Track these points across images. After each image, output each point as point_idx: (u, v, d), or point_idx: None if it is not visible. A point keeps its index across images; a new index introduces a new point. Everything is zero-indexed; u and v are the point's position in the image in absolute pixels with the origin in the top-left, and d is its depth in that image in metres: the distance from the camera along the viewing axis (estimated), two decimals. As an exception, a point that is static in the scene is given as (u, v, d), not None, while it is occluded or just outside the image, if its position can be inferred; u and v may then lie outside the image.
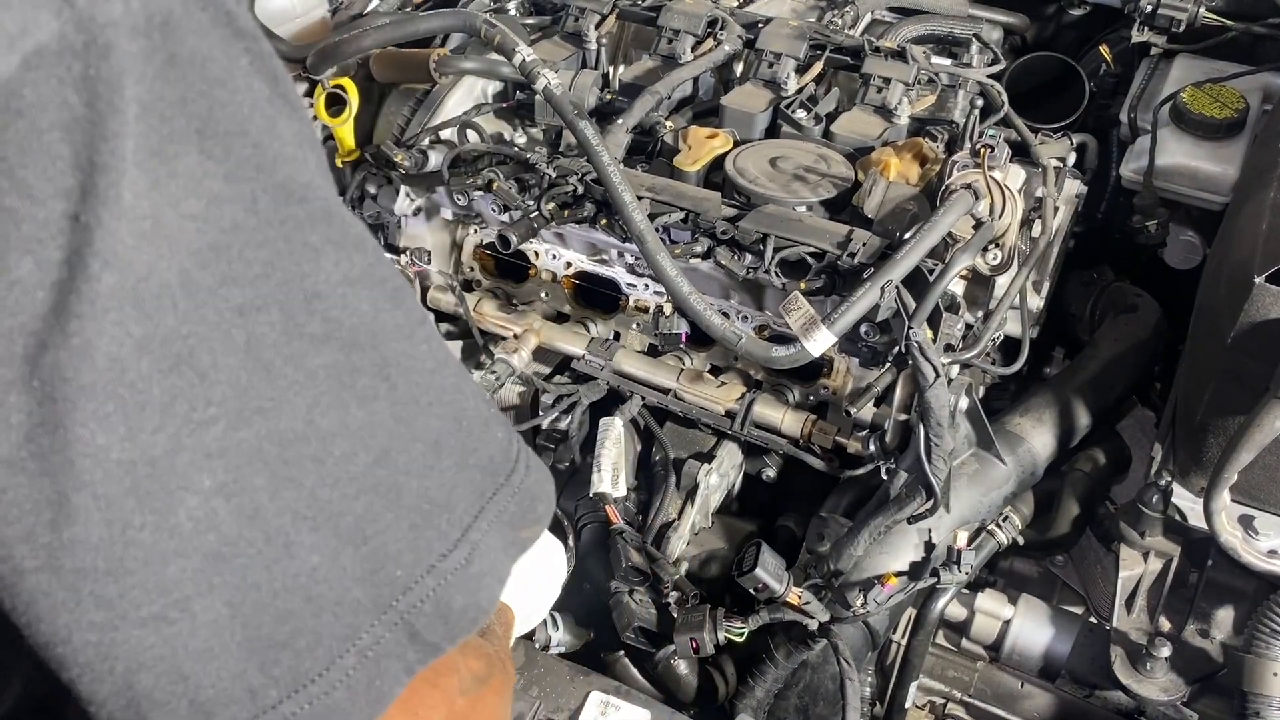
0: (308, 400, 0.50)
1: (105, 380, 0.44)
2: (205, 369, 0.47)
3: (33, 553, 0.45)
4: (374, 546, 0.52)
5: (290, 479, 0.49)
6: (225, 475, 0.47)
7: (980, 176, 1.39)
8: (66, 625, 0.46)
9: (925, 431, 1.32)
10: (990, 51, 1.79)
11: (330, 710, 0.51)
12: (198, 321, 0.46)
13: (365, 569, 0.52)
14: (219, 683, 0.49)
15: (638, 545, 1.46)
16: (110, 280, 0.44)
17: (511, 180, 1.53)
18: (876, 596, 1.36)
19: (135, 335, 0.45)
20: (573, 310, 1.70)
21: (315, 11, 1.86)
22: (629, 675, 1.48)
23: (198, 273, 0.46)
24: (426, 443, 0.55)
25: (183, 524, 0.47)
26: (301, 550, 0.50)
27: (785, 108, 1.62)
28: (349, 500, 0.51)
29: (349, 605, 0.51)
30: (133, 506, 0.46)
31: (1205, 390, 1.37)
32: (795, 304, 1.33)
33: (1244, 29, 1.84)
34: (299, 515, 0.50)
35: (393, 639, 0.53)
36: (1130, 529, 1.50)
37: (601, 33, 1.76)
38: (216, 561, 0.48)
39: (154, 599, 0.47)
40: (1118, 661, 1.50)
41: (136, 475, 0.46)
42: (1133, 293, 1.78)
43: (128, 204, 0.44)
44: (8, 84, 0.41)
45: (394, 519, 0.53)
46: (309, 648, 0.51)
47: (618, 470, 1.49)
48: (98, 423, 0.44)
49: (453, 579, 0.54)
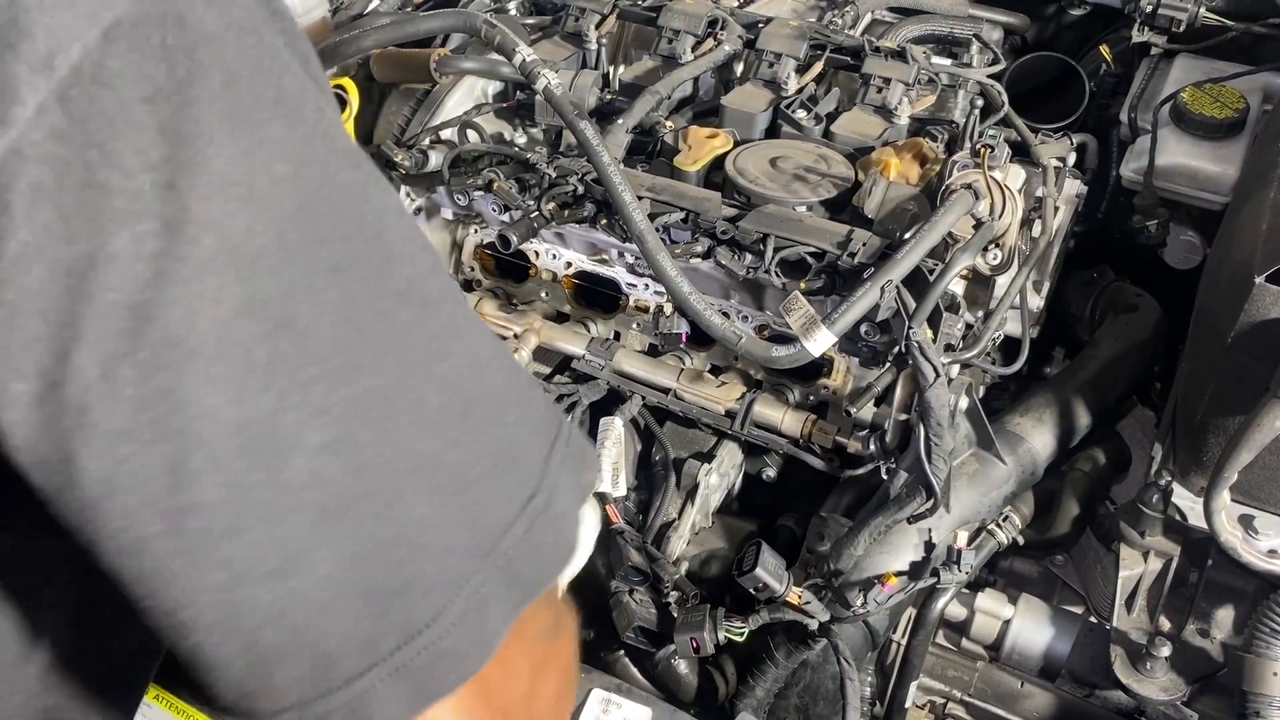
0: (399, 356, 0.51)
1: (212, 344, 0.45)
2: (305, 328, 0.48)
3: (154, 518, 0.46)
4: (472, 494, 0.54)
5: (392, 433, 0.50)
6: (331, 432, 0.49)
7: (980, 176, 1.39)
8: (190, 588, 0.48)
9: (925, 431, 1.32)
10: (990, 51, 1.79)
11: (444, 655, 0.53)
12: (295, 282, 0.47)
13: (466, 517, 0.54)
14: (338, 633, 0.51)
15: (638, 545, 1.46)
16: (209, 245, 0.45)
17: (512, 180, 1.53)
18: (876, 596, 1.36)
19: (238, 298, 0.46)
20: (573, 310, 1.70)
21: (315, 11, 1.86)
22: (630, 674, 1.48)
23: (292, 234, 0.47)
24: (498, 393, 0.56)
25: (294, 481, 0.48)
26: (408, 501, 0.51)
27: (785, 108, 1.62)
28: (446, 451, 0.53)
29: (455, 552, 0.53)
30: (246, 466, 0.47)
31: (1205, 390, 1.37)
32: (795, 304, 1.33)
33: (1244, 29, 1.84)
34: (403, 467, 0.51)
35: (495, 583, 0.54)
36: (1130, 529, 1.50)
37: (602, 33, 1.76)
38: (328, 516, 0.49)
39: (272, 555, 0.48)
40: (1118, 661, 1.50)
41: (248, 435, 0.47)
42: (1133, 293, 1.78)
43: (219, 170, 0.45)
44: (92, 57, 0.42)
45: (485, 467, 0.54)
46: (421, 595, 0.52)
47: (618, 470, 1.49)
48: (209, 385, 0.45)
49: (541, 520, 0.56)
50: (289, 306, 0.47)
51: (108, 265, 0.43)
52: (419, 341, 0.52)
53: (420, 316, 0.52)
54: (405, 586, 0.52)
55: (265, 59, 0.47)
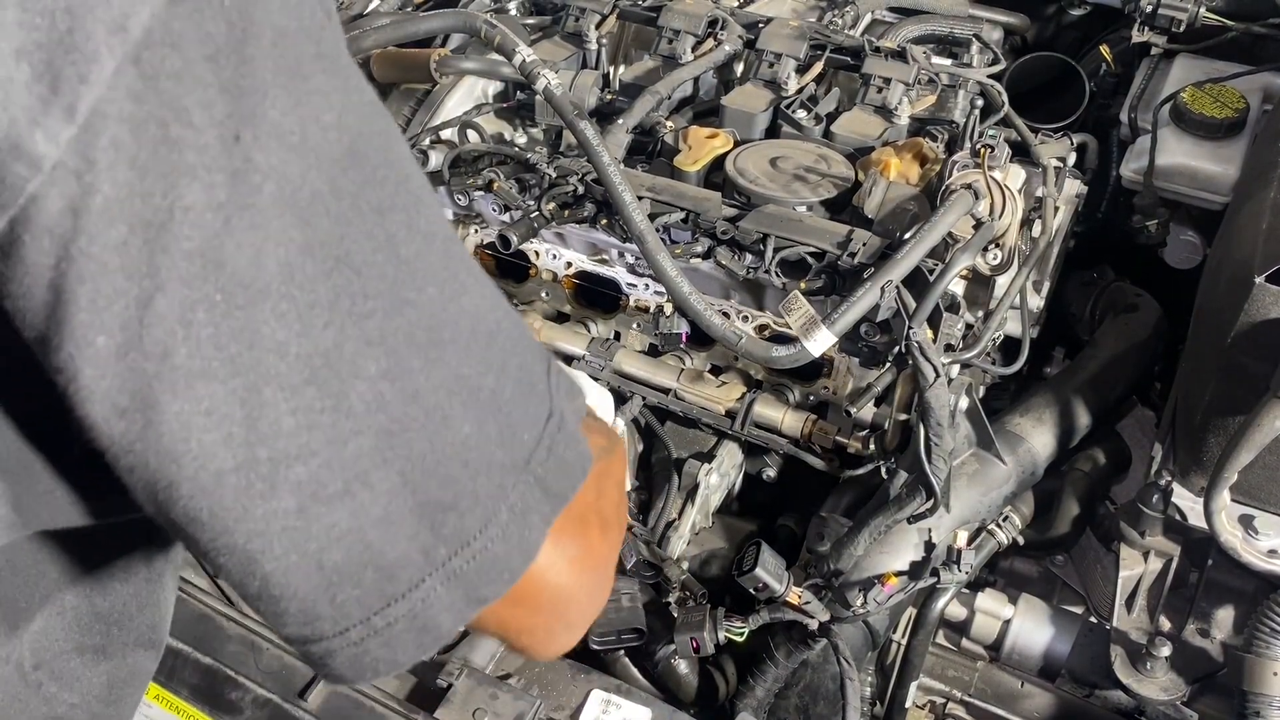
0: (438, 289, 0.55)
1: (279, 283, 0.48)
2: (360, 266, 0.51)
3: (231, 451, 0.49)
4: (507, 414, 0.58)
5: (439, 360, 0.55)
6: (387, 361, 0.52)
7: (980, 176, 1.39)
8: (265, 515, 0.51)
9: (925, 431, 1.32)
10: (990, 51, 1.79)
11: (493, 561, 0.57)
12: (349, 223, 0.51)
13: (504, 435, 0.58)
14: (397, 545, 0.54)
15: (646, 540, 1.46)
16: (271, 191, 0.48)
17: (512, 180, 1.53)
18: (876, 596, 1.36)
19: (299, 240, 0.49)
20: (573, 310, 1.70)
21: (316, 12, 1.86)
22: (629, 675, 1.48)
23: (342, 179, 0.51)
24: (510, 324, 0.60)
25: (356, 406, 0.52)
26: (455, 421, 0.55)
27: (785, 108, 1.62)
28: (483, 375, 0.57)
29: (497, 467, 0.57)
30: (314, 394, 0.50)
31: (1205, 390, 1.37)
32: (795, 304, 1.33)
33: (1244, 29, 1.84)
34: (451, 391, 0.55)
35: (533, 494, 0.59)
36: (1130, 528, 1.50)
37: (602, 33, 1.77)
38: (388, 437, 0.53)
39: (339, 476, 0.52)
40: (1118, 661, 1.50)
41: (314, 366, 0.50)
42: (1133, 292, 1.78)
43: (274, 121, 0.48)
44: (160, 18, 0.44)
45: (513, 390, 0.59)
46: (470, 508, 0.56)
47: (618, 470, 1.49)
48: (277, 322, 0.49)
49: (560, 437, 0.61)
50: (344, 245, 0.51)
51: (183, 216, 0.46)
52: (449, 277, 0.56)
53: (446, 253, 0.56)
54: (456, 499, 0.56)
55: (307, 15, 0.50)
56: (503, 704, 1.21)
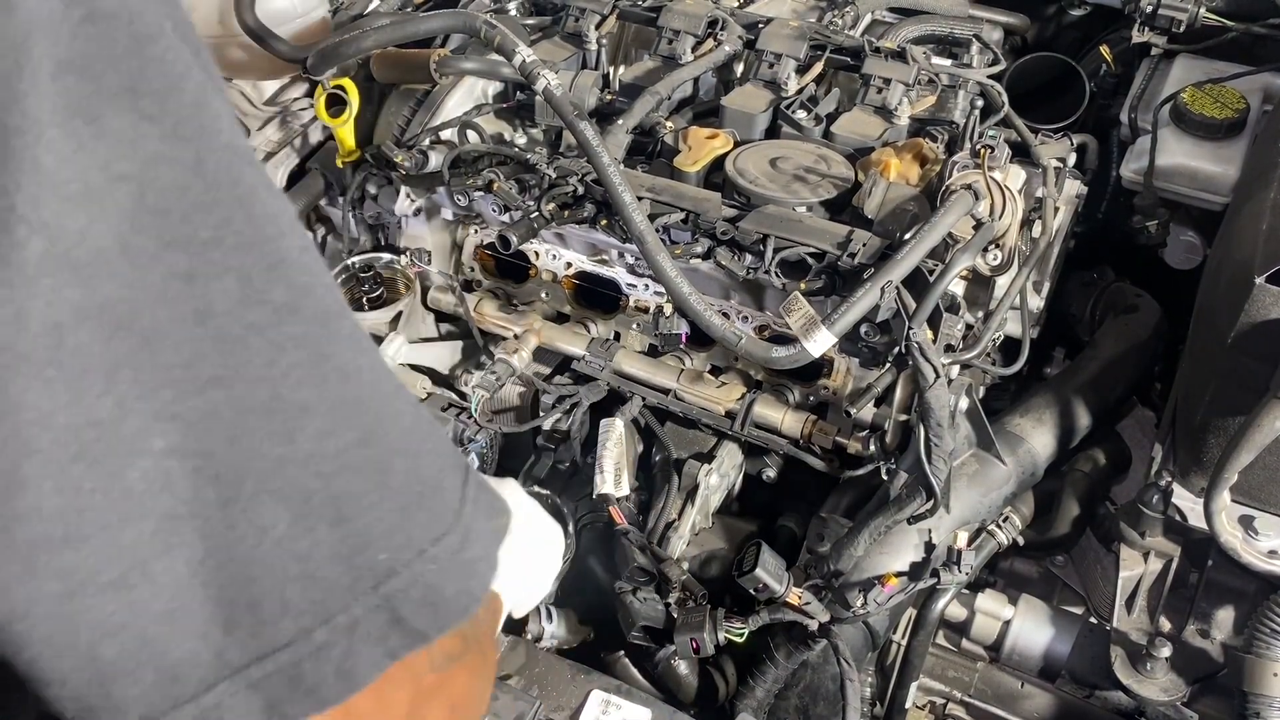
0: (276, 371, 0.48)
1: (44, 347, 0.43)
2: (150, 334, 0.45)
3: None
4: (356, 526, 0.51)
5: (253, 448, 0.48)
6: (179, 438, 0.46)
7: (980, 177, 1.39)
8: (25, 599, 0.45)
9: (925, 432, 1.32)
10: (990, 52, 1.79)
11: (297, 680, 0.50)
12: (140, 287, 0.45)
13: (344, 548, 0.51)
14: (183, 644, 0.48)
15: (642, 545, 1.46)
16: (39, 246, 0.42)
17: (512, 181, 1.53)
18: (877, 597, 1.36)
19: (73, 301, 0.43)
20: (573, 310, 1.70)
21: (316, 12, 1.87)
22: (630, 675, 1.48)
23: (136, 237, 0.45)
24: (414, 421, 0.54)
25: (136, 486, 0.46)
26: (264, 518, 0.49)
27: (785, 108, 1.62)
28: (325, 477, 0.50)
29: (322, 581, 0.50)
30: (83, 471, 0.45)
31: (1205, 390, 1.37)
32: (795, 304, 1.33)
33: (1244, 29, 1.84)
34: (263, 484, 0.49)
35: (373, 621, 0.52)
36: (1130, 529, 1.50)
37: (602, 33, 1.76)
38: (174, 522, 0.47)
39: (113, 564, 0.46)
40: (1118, 662, 1.50)
41: (84, 440, 0.45)
42: (1133, 293, 1.78)
43: (49, 167, 0.42)
44: None
45: (380, 499, 0.52)
46: (275, 616, 0.50)
47: (620, 471, 1.49)
48: (42, 389, 0.43)
49: (446, 564, 0.53)
50: (132, 310, 0.45)
51: None
52: (302, 360, 0.49)
53: (315, 332, 0.50)
54: (257, 601, 0.49)
55: (125, 43, 0.44)
56: (503, 704, 1.21)
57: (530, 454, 1.65)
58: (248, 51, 1.81)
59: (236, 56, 1.86)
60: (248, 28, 1.73)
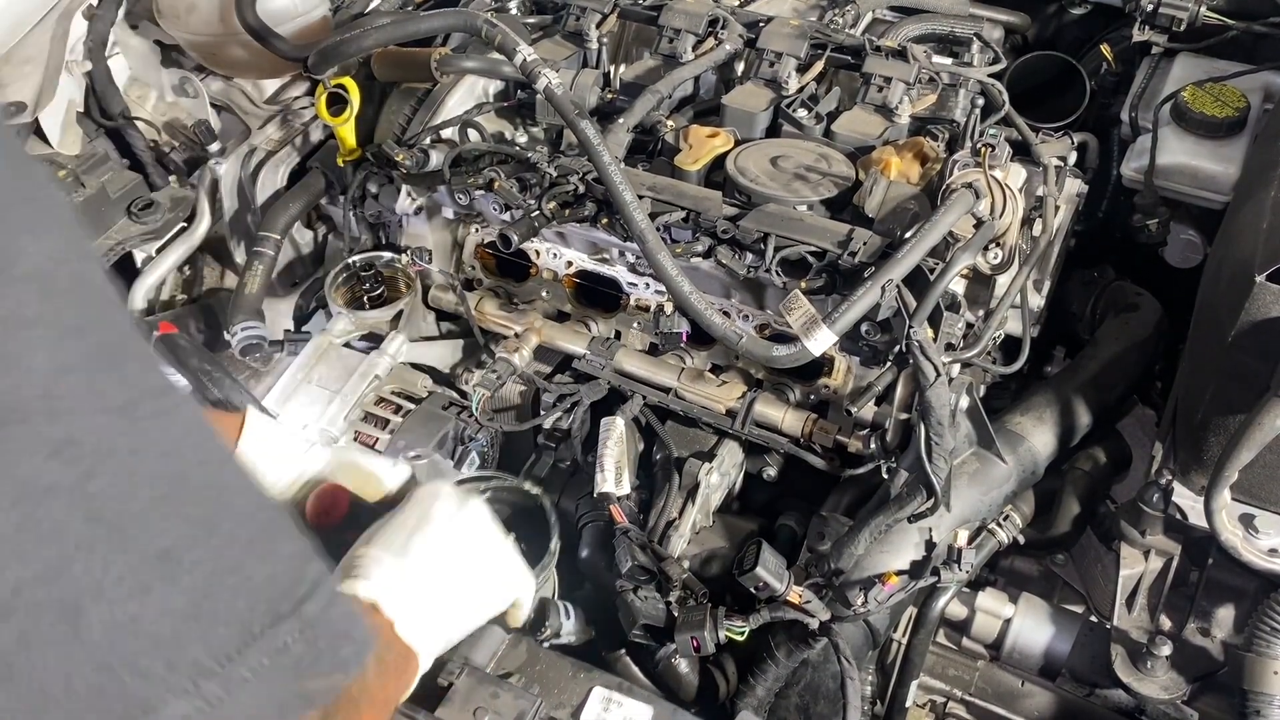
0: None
1: None
2: None
3: None
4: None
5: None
6: None
7: (981, 175, 1.39)
8: None
9: (926, 430, 1.32)
10: (991, 50, 1.79)
11: None
12: None
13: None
14: None
15: (642, 544, 1.46)
16: None
17: (513, 179, 1.53)
18: (877, 595, 1.36)
19: None
20: (574, 309, 1.70)
21: (316, 11, 1.87)
22: (631, 673, 1.48)
23: None
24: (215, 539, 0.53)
25: None
26: None
27: (786, 107, 1.62)
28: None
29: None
30: None
31: (1206, 389, 1.37)
32: (796, 303, 1.33)
33: (1245, 28, 1.84)
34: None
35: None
36: (1131, 528, 1.50)
37: (602, 32, 1.77)
38: None
39: None
40: (1118, 660, 1.51)
41: None
42: (1133, 291, 1.78)
43: None
44: None
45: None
46: None
47: (620, 470, 1.49)
48: None
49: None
50: None
51: None
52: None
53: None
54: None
55: None
56: (504, 703, 1.21)
57: (531, 452, 1.65)
58: (249, 50, 1.81)
59: (237, 55, 1.86)
60: (249, 26, 1.73)
